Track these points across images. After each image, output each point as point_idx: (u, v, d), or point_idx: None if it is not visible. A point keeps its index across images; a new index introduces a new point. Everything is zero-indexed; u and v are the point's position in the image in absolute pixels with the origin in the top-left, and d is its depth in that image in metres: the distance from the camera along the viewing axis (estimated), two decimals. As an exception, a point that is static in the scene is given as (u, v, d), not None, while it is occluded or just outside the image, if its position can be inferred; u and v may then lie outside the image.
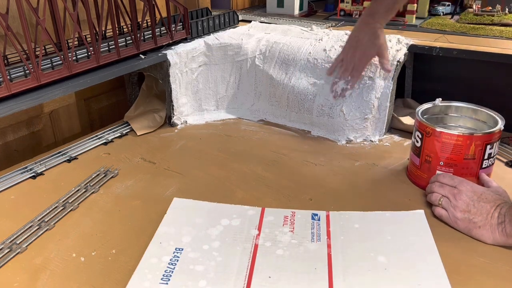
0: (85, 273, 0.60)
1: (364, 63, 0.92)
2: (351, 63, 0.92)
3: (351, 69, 0.93)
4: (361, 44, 0.90)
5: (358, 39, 0.91)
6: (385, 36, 0.91)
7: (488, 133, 0.72)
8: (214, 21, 1.15)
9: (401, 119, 1.00)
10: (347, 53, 0.93)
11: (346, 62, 0.93)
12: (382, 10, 0.88)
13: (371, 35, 0.89)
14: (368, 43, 0.90)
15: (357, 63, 0.92)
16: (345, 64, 0.94)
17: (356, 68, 0.92)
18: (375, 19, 0.88)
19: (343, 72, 0.94)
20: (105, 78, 0.88)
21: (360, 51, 0.91)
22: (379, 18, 0.88)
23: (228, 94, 1.13)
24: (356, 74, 0.93)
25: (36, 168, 0.86)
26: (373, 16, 0.88)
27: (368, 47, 0.90)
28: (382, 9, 0.88)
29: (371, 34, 0.89)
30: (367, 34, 0.90)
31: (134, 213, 0.73)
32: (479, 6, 1.27)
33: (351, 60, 0.92)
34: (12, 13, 0.81)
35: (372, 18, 0.88)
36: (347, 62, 0.93)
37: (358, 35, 0.91)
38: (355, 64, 0.92)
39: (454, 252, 0.63)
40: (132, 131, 1.03)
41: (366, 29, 0.90)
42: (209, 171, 0.86)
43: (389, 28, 1.18)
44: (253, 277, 0.58)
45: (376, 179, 0.83)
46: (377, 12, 0.88)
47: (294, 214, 0.71)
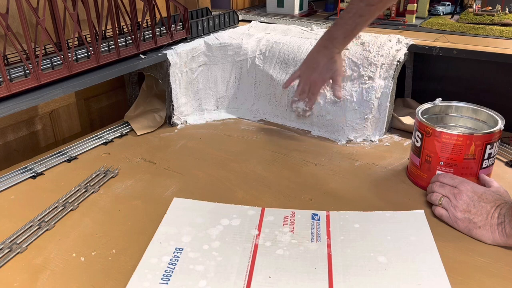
0: (85, 273, 0.60)
1: (318, 86, 0.93)
2: (307, 85, 0.93)
3: (307, 91, 0.94)
4: (317, 67, 0.91)
5: (316, 61, 0.91)
6: (341, 62, 0.92)
7: (488, 133, 0.72)
8: (214, 21, 1.15)
9: (401, 119, 1.00)
10: (304, 73, 0.94)
11: (303, 82, 0.94)
12: (340, 36, 0.88)
13: (329, 59, 0.89)
14: (324, 67, 0.90)
15: (312, 86, 0.93)
16: (301, 84, 0.94)
17: (312, 90, 0.93)
18: (333, 43, 0.89)
19: (301, 93, 0.95)
20: (105, 78, 0.88)
21: (316, 73, 0.91)
22: (337, 44, 0.89)
23: (228, 94, 1.13)
24: (313, 97, 0.94)
25: (36, 168, 0.86)
26: (332, 41, 0.89)
27: (324, 70, 0.90)
28: (341, 35, 0.88)
29: (328, 58, 0.89)
30: (324, 58, 0.90)
31: (134, 213, 0.73)
32: (479, 6, 1.26)
33: (307, 82, 0.93)
34: (12, 13, 0.81)
35: (331, 43, 0.89)
36: (304, 82, 0.94)
37: (316, 58, 0.91)
38: (311, 86, 0.93)
39: (454, 252, 0.63)
40: (132, 131, 1.03)
41: (325, 52, 0.90)
42: (209, 171, 0.86)
43: (389, 28, 1.18)
44: (253, 277, 0.58)
45: (376, 179, 0.83)
46: (335, 38, 0.88)
47: (294, 214, 0.71)
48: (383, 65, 0.96)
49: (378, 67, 0.96)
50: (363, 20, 0.86)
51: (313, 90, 0.93)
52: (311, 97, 0.94)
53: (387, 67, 0.96)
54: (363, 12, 0.85)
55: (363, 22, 0.86)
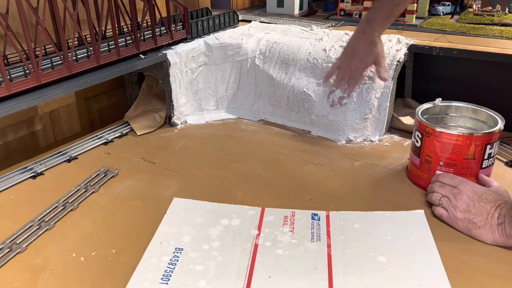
0: (85, 273, 0.60)
1: (360, 71, 0.91)
2: (348, 72, 0.91)
3: (347, 78, 0.91)
4: (358, 52, 0.89)
5: (355, 47, 0.90)
6: (382, 45, 0.90)
7: (488, 133, 0.72)
8: (214, 21, 1.15)
9: (401, 119, 1.00)
10: (344, 61, 0.92)
11: (343, 70, 0.92)
12: (380, 18, 0.87)
13: (369, 43, 0.88)
14: (365, 51, 0.89)
15: (354, 71, 0.90)
16: (341, 72, 0.92)
17: (353, 76, 0.91)
18: (372, 27, 0.87)
19: (340, 80, 0.93)
20: (105, 78, 0.88)
21: (357, 59, 0.89)
22: (377, 26, 0.88)
23: (228, 94, 1.13)
24: (353, 82, 0.92)
25: (36, 168, 0.86)
26: (370, 24, 0.88)
27: (365, 55, 0.89)
28: (380, 17, 0.87)
29: (368, 42, 0.88)
30: (364, 42, 0.89)
31: (134, 213, 0.73)
32: (479, 6, 1.27)
33: (348, 68, 0.91)
34: (12, 13, 0.81)
35: (369, 26, 0.88)
36: (344, 70, 0.92)
37: (356, 43, 0.90)
38: (352, 72, 0.91)
39: (454, 252, 0.63)
40: (132, 131, 1.03)
41: (364, 36, 0.89)
42: (209, 171, 0.86)
43: (389, 28, 1.16)
44: (253, 277, 0.58)
45: (376, 179, 0.83)
46: (375, 20, 0.87)
47: (294, 214, 0.71)
48: (383, 65, 0.96)
49: (378, 67, 0.96)
50: (401, 1, 0.85)
51: (354, 76, 0.90)
52: (352, 83, 0.91)
53: (387, 67, 0.96)
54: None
55: (402, 2, 0.86)
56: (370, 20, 0.88)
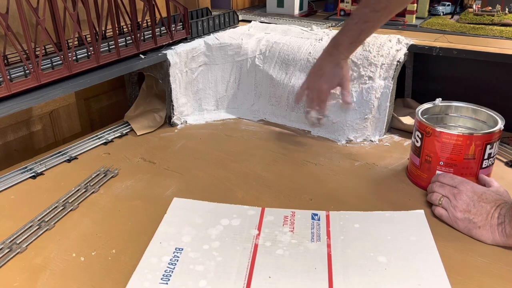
0: (85, 273, 0.60)
1: (326, 94, 0.91)
2: (314, 93, 0.92)
3: (316, 99, 0.92)
4: (323, 74, 0.90)
5: (321, 68, 0.90)
6: (348, 68, 0.91)
7: (488, 133, 0.72)
8: (214, 21, 1.15)
9: (401, 119, 1.00)
10: (310, 82, 0.92)
11: (310, 92, 0.93)
12: (346, 42, 0.87)
13: (334, 65, 0.89)
14: (331, 73, 0.89)
15: (320, 93, 0.91)
16: (309, 94, 0.93)
17: (320, 98, 0.91)
18: (339, 50, 0.88)
19: (309, 102, 0.93)
20: (105, 78, 0.88)
21: (323, 80, 0.90)
22: (343, 50, 0.88)
23: (228, 94, 1.13)
24: (322, 104, 0.92)
25: (36, 168, 0.86)
26: (337, 48, 0.88)
27: (330, 77, 0.89)
28: (346, 41, 0.87)
29: (334, 64, 0.89)
30: (330, 64, 0.89)
31: (134, 213, 0.73)
32: (479, 6, 1.27)
33: (313, 90, 0.92)
34: (12, 13, 0.81)
35: (336, 49, 0.88)
36: (311, 92, 0.92)
37: (321, 65, 0.91)
38: (318, 94, 0.91)
39: (454, 252, 0.63)
40: (132, 131, 1.03)
41: (330, 59, 0.89)
42: (209, 171, 0.86)
43: (389, 28, 1.18)
44: (253, 277, 0.58)
45: (376, 179, 0.83)
46: (341, 43, 0.87)
47: (294, 214, 0.71)
48: (383, 65, 0.96)
49: (378, 67, 0.96)
50: (368, 26, 0.85)
51: (321, 98, 0.91)
52: (321, 105, 0.92)
53: (387, 67, 0.96)
54: (368, 18, 0.84)
55: (369, 28, 0.86)
56: (336, 43, 0.88)
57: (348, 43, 0.87)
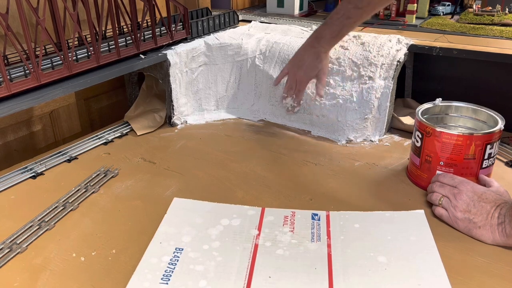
0: (85, 273, 0.60)
1: (304, 84, 0.94)
2: (294, 81, 0.95)
3: (294, 87, 0.95)
4: (303, 65, 0.92)
5: (302, 59, 0.93)
6: (328, 61, 0.93)
7: (488, 133, 0.72)
8: (214, 21, 1.15)
9: (401, 119, 1.00)
10: (291, 70, 0.95)
11: (290, 79, 0.96)
12: (327, 36, 0.89)
13: (315, 57, 0.91)
14: (310, 65, 0.91)
15: (298, 83, 0.94)
16: (289, 81, 0.96)
17: (298, 87, 0.95)
18: (320, 43, 0.90)
19: (288, 89, 0.97)
20: (105, 78, 0.88)
21: (301, 71, 0.92)
22: (324, 43, 0.90)
23: (228, 94, 1.13)
24: (299, 94, 0.96)
25: (36, 168, 0.86)
26: (318, 40, 0.90)
27: (309, 69, 0.92)
28: (328, 34, 0.89)
29: (314, 56, 0.91)
30: (310, 56, 0.91)
31: (134, 213, 0.73)
32: (479, 6, 1.27)
33: (293, 78, 0.95)
34: (12, 13, 0.81)
35: (317, 42, 0.90)
36: (291, 79, 0.95)
37: (302, 55, 0.93)
38: (297, 83, 0.94)
39: (454, 252, 0.63)
40: (132, 131, 1.03)
41: (311, 50, 0.91)
42: (209, 171, 0.86)
43: (389, 28, 1.18)
44: (253, 277, 0.58)
45: (376, 179, 0.83)
46: (323, 37, 0.89)
47: (294, 214, 0.71)
48: (383, 65, 0.96)
49: (378, 67, 0.96)
50: (350, 22, 0.87)
51: (299, 87, 0.95)
52: (298, 94, 0.96)
53: (387, 67, 0.96)
54: (351, 14, 0.86)
55: (350, 24, 0.87)
56: (318, 36, 0.90)
57: (329, 37, 0.89)
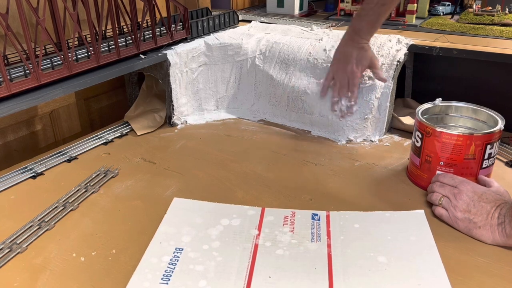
0: (85, 273, 0.60)
1: (358, 75, 0.92)
2: (345, 78, 0.93)
3: (347, 85, 0.93)
4: (351, 58, 0.91)
5: (347, 53, 0.92)
6: (372, 49, 0.93)
7: (488, 133, 0.72)
8: (214, 21, 1.15)
9: (401, 119, 1.00)
10: (338, 69, 0.94)
11: (340, 78, 0.93)
12: (365, 27, 0.89)
13: (359, 49, 0.91)
14: (359, 56, 0.91)
15: (351, 77, 0.92)
16: (338, 81, 0.94)
17: (351, 82, 0.93)
18: (361, 35, 0.90)
19: (340, 89, 0.94)
20: (105, 78, 0.88)
21: (351, 64, 0.91)
22: (364, 34, 0.90)
23: (228, 94, 1.13)
24: (354, 88, 0.93)
25: (36, 168, 0.86)
26: (358, 33, 0.90)
27: (359, 59, 0.91)
28: (365, 26, 0.89)
29: (359, 48, 0.91)
30: (355, 48, 0.91)
31: (134, 213, 0.73)
32: (479, 6, 1.27)
33: (345, 75, 0.93)
34: (12, 13, 0.81)
35: (357, 35, 0.90)
36: (341, 77, 0.93)
37: (347, 50, 0.92)
38: (349, 79, 0.92)
39: (454, 252, 0.63)
40: (132, 131, 1.03)
41: (353, 44, 0.91)
42: (209, 171, 0.86)
43: (389, 28, 1.18)
44: (253, 277, 0.58)
45: (376, 179, 0.83)
46: (361, 29, 0.89)
47: (294, 214, 0.71)
48: (383, 65, 0.96)
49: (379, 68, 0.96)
50: (385, 8, 0.87)
51: (353, 81, 0.92)
52: (353, 89, 0.93)
53: (387, 67, 0.96)
54: (385, 1, 0.86)
55: (386, 10, 0.88)
56: (356, 29, 0.90)
57: (368, 28, 0.89)
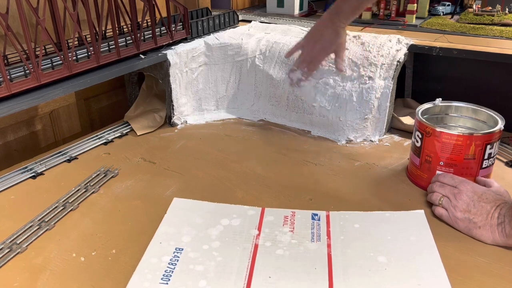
0: (85, 273, 0.60)
1: (321, 58, 0.94)
2: (309, 56, 0.94)
3: (308, 61, 0.94)
4: (322, 39, 0.92)
5: (320, 33, 0.92)
6: (346, 36, 0.93)
7: (488, 133, 0.72)
8: (214, 21, 1.15)
9: (401, 119, 1.00)
10: (307, 45, 0.94)
11: (305, 52, 0.95)
12: (347, 10, 0.90)
13: (334, 32, 0.91)
14: (329, 39, 0.91)
15: (315, 57, 0.94)
16: (303, 54, 0.95)
17: (313, 61, 0.94)
18: (339, 17, 0.90)
19: (301, 63, 0.95)
20: (105, 78, 0.88)
21: (319, 46, 0.92)
22: (343, 18, 0.90)
23: (228, 94, 1.13)
24: (312, 68, 0.95)
25: (36, 168, 0.86)
26: (338, 15, 0.90)
27: (328, 43, 0.92)
28: (347, 8, 0.89)
29: (333, 31, 0.91)
30: (329, 31, 0.91)
31: (134, 213, 0.73)
32: (479, 6, 1.27)
33: (310, 53, 0.94)
34: (12, 13, 0.81)
35: (337, 16, 0.90)
36: (306, 53, 0.94)
37: (321, 30, 0.93)
38: (313, 57, 0.94)
39: (454, 252, 0.63)
40: (132, 131, 1.03)
41: (330, 25, 0.91)
42: (209, 171, 0.86)
43: (389, 28, 1.18)
44: (253, 277, 0.58)
45: (376, 179, 0.83)
46: (342, 11, 0.90)
47: (294, 214, 0.71)
48: (383, 65, 0.96)
49: (378, 67, 0.96)
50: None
51: (314, 62, 0.94)
52: (311, 68, 0.95)
53: (387, 67, 0.96)
54: None
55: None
56: (338, 11, 0.91)
57: (349, 11, 0.90)
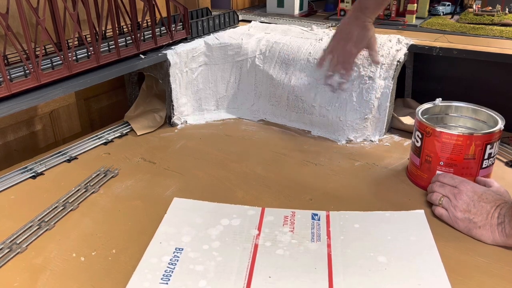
0: (85, 273, 0.60)
1: (354, 55, 0.94)
2: (342, 56, 0.94)
3: (342, 61, 0.94)
4: (352, 37, 0.92)
5: (349, 31, 0.92)
6: (374, 30, 0.93)
7: (488, 133, 0.72)
8: (214, 21, 1.15)
9: (401, 119, 1.00)
10: (337, 46, 0.94)
11: (337, 54, 0.94)
12: (372, 5, 0.90)
13: (362, 28, 0.91)
14: (359, 35, 0.91)
15: (348, 56, 0.93)
16: (335, 57, 0.95)
17: (347, 60, 0.94)
18: (365, 14, 0.90)
19: (335, 65, 0.95)
20: (105, 78, 0.88)
21: (351, 43, 0.92)
22: (369, 13, 0.91)
23: (228, 94, 1.13)
24: (349, 67, 0.94)
25: (36, 168, 0.86)
26: (363, 11, 0.91)
27: (359, 39, 0.92)
28: (372, 4, 0.90)
29: (361, 27, 0.91)
30: (357, 27, 0.91)
31: (134, 213, 0.73)
32: (479, 6, 1.27)
33: (342, 52, 0.94)
34: (12, 13, 0.81)
35: (362, 13, 0.91)
36: (338, 54, 0.94)
37: (348, 28, 0.93)
38: (346, 56, 0.93)
39: (454, 252, 0.63)
40: (132, 131, 1.03)
41: (357, 22, 0.91)
42: (209, 171, 0.86)
43: (389, 28, 1.18)
44: (253, 277, 0.58)
45: (376, 179, 0.83)
46: (367, 7, 0.90)
47: (294, 214, 0.71)
48: (383, 65, 0.96)
49: (378, 67, 0.96)
50: None
51: (348, 60, 0.94)
52: (348, 67, 0.94)
53: (387, 67, 0.96)
54: None
55: None
56: (362, 7, 0.91)
57: (374, 6, 0.90)
